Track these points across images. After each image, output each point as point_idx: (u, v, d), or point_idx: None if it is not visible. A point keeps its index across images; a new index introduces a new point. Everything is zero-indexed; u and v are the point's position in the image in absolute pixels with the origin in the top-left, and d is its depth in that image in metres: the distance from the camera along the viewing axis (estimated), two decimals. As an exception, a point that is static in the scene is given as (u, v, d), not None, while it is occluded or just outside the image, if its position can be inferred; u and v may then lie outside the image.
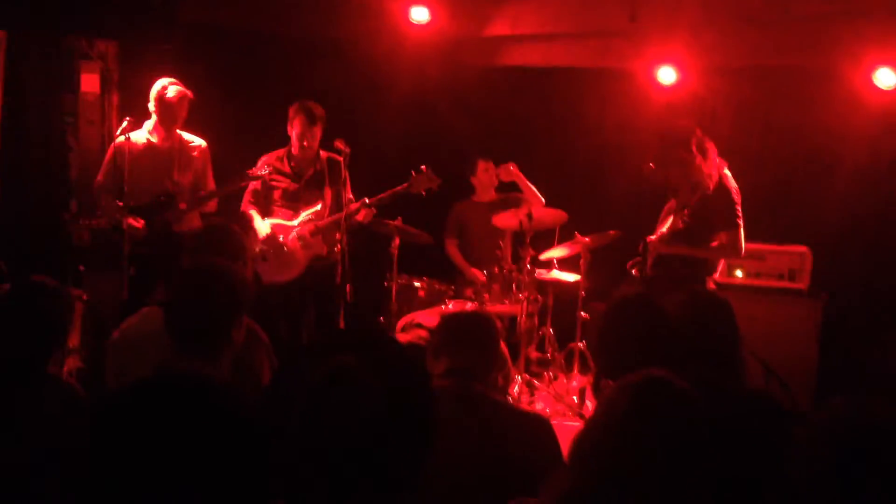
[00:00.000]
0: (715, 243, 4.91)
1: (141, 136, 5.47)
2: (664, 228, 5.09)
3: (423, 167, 5.80)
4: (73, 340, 5.03)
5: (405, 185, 5.74)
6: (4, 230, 5.87)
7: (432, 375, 2.59)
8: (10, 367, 2.64)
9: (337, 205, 5.74)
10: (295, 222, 5.72)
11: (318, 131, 5.68)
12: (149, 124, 5.50)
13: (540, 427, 2.61)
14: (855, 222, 6.01)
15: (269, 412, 1.64)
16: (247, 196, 5.80)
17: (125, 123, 5.26)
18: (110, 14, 4.58)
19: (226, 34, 6.73)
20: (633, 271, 5.25)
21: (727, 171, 4.96)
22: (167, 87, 5.41)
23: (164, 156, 5.48)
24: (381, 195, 5.70)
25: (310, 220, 5.69)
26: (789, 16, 4.92)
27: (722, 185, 4.90)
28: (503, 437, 2.51)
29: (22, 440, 2.46)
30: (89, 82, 6.15)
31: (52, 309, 2.74)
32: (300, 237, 5.68)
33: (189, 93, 5.47)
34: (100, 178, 5.51)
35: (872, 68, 5.03)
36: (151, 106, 5.44)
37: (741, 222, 4.86)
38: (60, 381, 2.71)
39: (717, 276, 5.99)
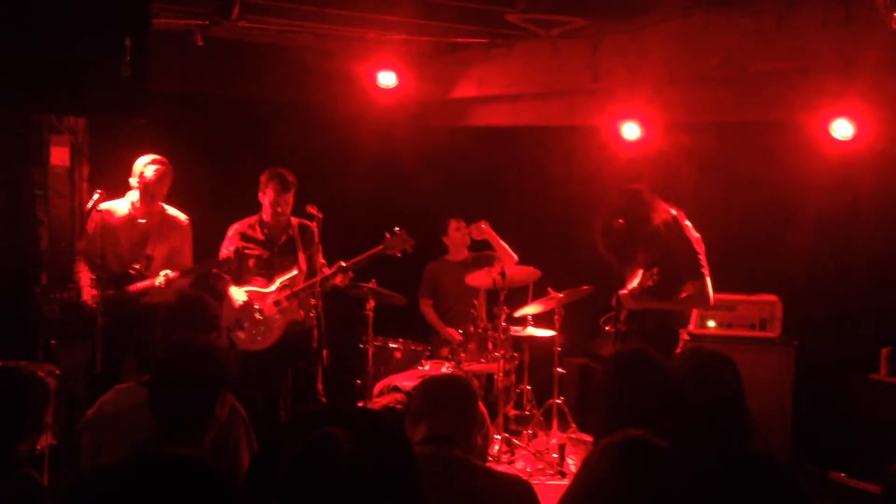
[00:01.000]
0: (683, 294, 4.96)
1: (123, 206, 5.48)
2: (634, 283, 5.15)
3: (396, 229, 5.84)
4: (46, 416, 4.95)
5: (380, 247, 5.78)
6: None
7: (412, 442, 2.58)
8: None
9: (311, 270, 5.75)
10: (270, 289, 5.71)
11: (290, 198, 5.72)
12: (132, 195, 5.51)
13: (522, 491, 2.60)
14: (820, 269, 6.12)
15: (253, 484, 1.64)
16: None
17: (96, 196, 5.26)
18: (79, 91, 4.59)
19: (195, 102, 6.79)
20: (607, 327, 5.29)
21: (687, 223, 5.03)
22: (147, 165, 5.45)
23: (142, 229, 5.48)
24: (357, 258, 5.72)
25: (285, 286, 5.69)
26: (746, 73, 5.05)
27: (683, 237, 4.96)
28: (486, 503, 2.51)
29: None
30: (59, 155, 6.16)
31: (24, 396, 2.70)
32: (276, 304, 5.67)
33: (169, 169, 5.50)
34: (82, 244, 5.50)
35: (829, 119, 5.16)
36: (134, 181, 5.46)
37: (706, 272, 4.92)
38: (25, 471, 2.65)
39: (690, 327, 6.06)
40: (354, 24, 6.04)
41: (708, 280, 4.93)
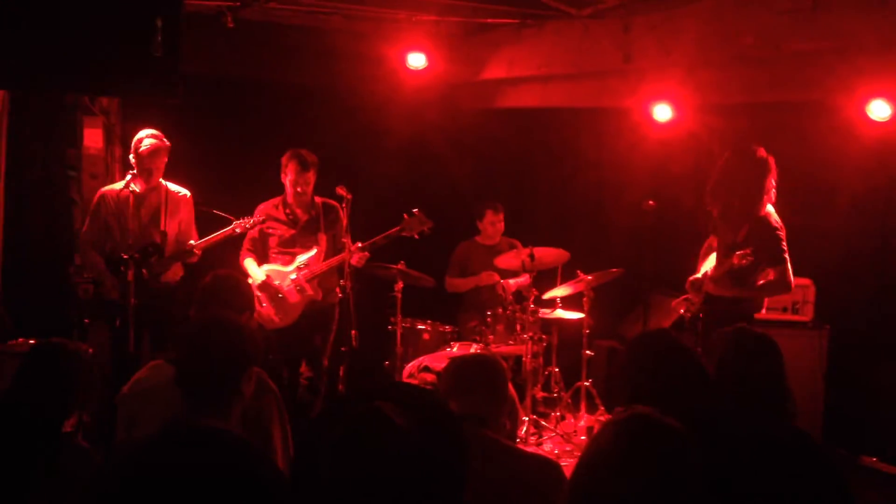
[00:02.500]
0: (761, 280, 4.90)
1: (124, 187, 5.46)
2: (707, 267, 5.10)
3: (415, 210, 5.86)
4: (91, 395, 5.03)
5: (397, 228, 5.80)
6: (10, 285, 5.89)
7: None
8: (30, 429, 2.64)
9: (333, 249, 5.78)
10: (290, 268, 5.75)
11: (311, 177, 5.74)
12: (131, 174, 5.53)
13: (551, 471, 2.60)
14: (854, 253, 6.04)
15: (302, 458, 1.64)
16: (245, 244, 5.85)
17: (129, 177, 5.31)
18: (111, 72, 4.62)
19: (227, 85, 6.82)
20: (681, 309, 5.23)
21: (770, 208, 4.96)
22: (142, 139, 5.44)
23: (152, 206, 5.51)
24: (374, 239, 5.75)
25: (306, 265, 5.73)
26: (781, 52, 4.98)
27: (767, 222, 4.89)
28: (516, 484, 2.51)
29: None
30: (92, 137, 6.22)
31: (72, 371, 2.75)
32: (296, 283, 5.71)
33: (165, 143, 5.48)
34: (85, 229, 5.55)
35: (866, 101, 5.08)
36: (131, 157, 5.50)
37: (787, 257, 4.85)
38: (77, 443, 2.71)
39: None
40: (384, 5, 6.03)
41: (789, 266, 4.85)
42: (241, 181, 6.55)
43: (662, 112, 6.18)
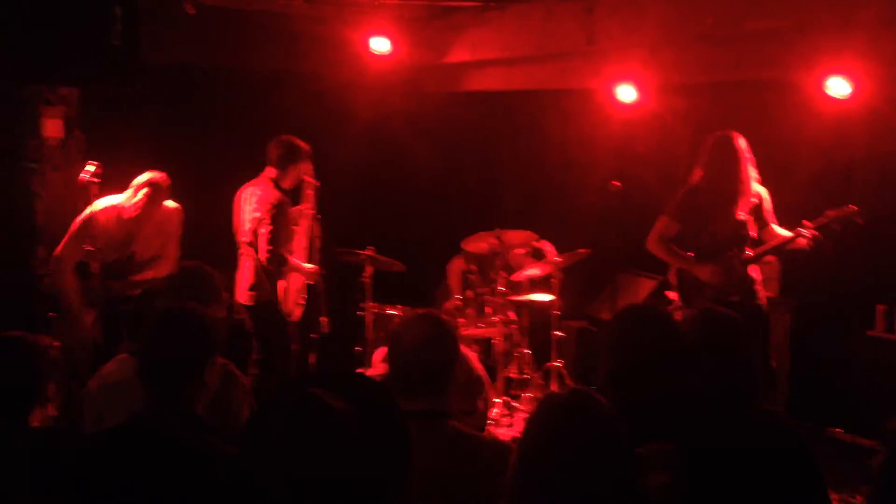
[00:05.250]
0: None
1: (112, 206, 5.33)
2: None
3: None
4: (57, 389, 4.97)
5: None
6: (-29, 279, 5.81)
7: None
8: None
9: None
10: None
11: None
12: (124, 197, 5.37)
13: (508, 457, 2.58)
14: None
15: (248, 445, 1.66)
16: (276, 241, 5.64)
17: (91, 167, 5.23)
18: (70, 61, 4.55)
19: (188, 72, 6.74)
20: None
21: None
22: (143, 186, 5.28)
23: (133, 222, 5.38)
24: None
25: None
26: (741, 31, 5.02)
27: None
28: (476, 473, 2.49)
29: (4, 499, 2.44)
30: (52, 127, 6.11)
31: (31, 364, 2.72)
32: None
33: (164, 187, 5.36)
34: (59, 250, 5.34)
35: (825, 78, 5.13)
36: (130, 192, 5.34)
37: None
38: (38, 436, 2.69)
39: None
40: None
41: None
42: (204, 168, 6.50)
43: (626, 93, 6.21)
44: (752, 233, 5.12)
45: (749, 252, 5.11)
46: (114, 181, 5.42)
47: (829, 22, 4.64)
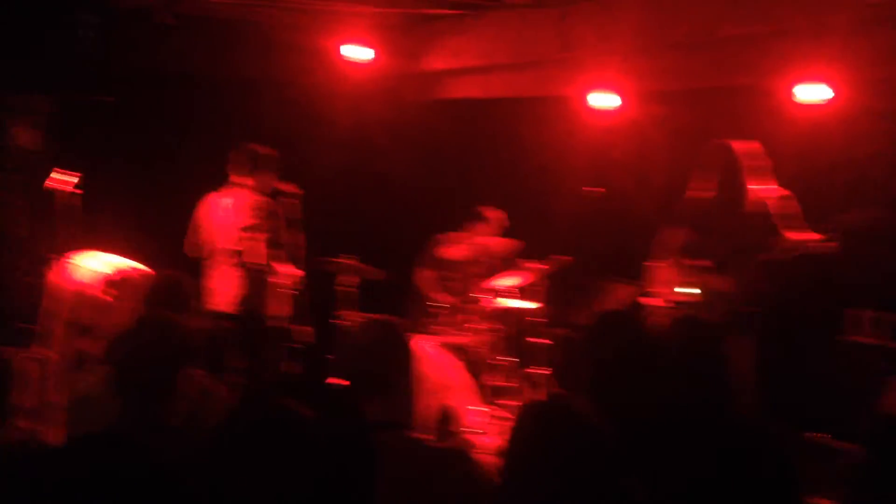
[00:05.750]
0: None
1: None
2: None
3: None
4: (28, 401, 4.91)
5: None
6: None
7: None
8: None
9: None
10: None
11: None
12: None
13: (461, 463, 2.52)
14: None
15: (215, 454, 1.65)
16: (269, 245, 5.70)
17: (55, 175, 5.12)
18: (43, 69, 4.51)
19: (164, 81, 6.69)
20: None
21: None
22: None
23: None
24: None
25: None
26: (715, 38, 5.06)
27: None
28: (433, 481, 2.44)
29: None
30: (25, 136, 6.06)
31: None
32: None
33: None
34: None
35: (798, 83, 5.17)
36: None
37: None
38: (11, 448, 2.64)
39: (668, 292, 6.10)
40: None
41: None
42: (179, 176, 6.45)
43: (601, 100, 6.24)
44: (762, 239, 4.94)
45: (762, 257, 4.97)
46: (90, 191, 5.36)
47: (803, 28, 4.69)
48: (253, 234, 5.54)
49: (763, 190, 4.98)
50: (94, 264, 5.06)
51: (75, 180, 5.09)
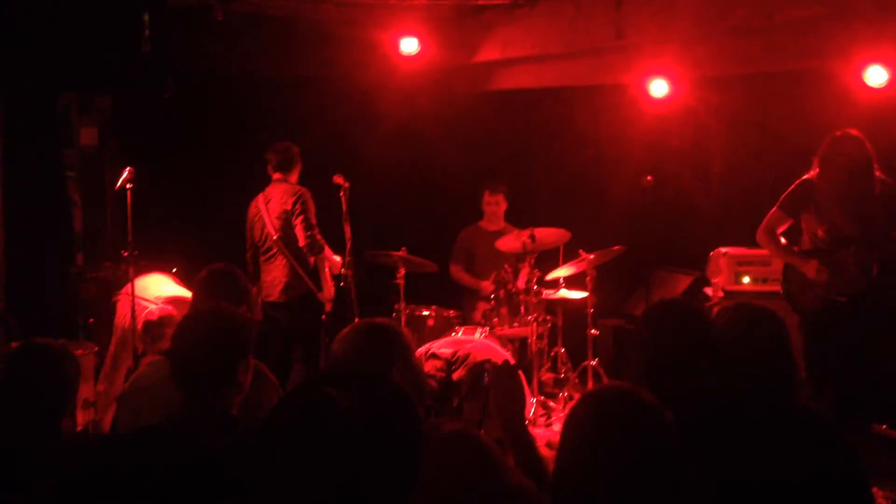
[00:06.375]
0: None
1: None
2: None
3: None
4: (87, 393, 5.03)
5: None
6: (12, 286, 5.90)
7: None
8: (21, 429, 2.63)
9: None
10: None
11: None
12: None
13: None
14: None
15: (259, 446, 1.64)
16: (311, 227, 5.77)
17: (125, 174, 5.27)
18: (103, 68, 4.61)
19: (219, 78, 6.78)
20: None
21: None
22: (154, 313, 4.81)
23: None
24: None
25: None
26: (775, 21, 4.93)
27: None
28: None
29: (35, 500, 2.45)
30: (88, 135, 6.20)
31: (55, 371, 2.72)
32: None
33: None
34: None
35: (863, 67, 5.03)
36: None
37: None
38: (73, 437, 2.70)
39: (724, 283, 5.99)
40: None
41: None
42: (235, 175, 6.54)
43: (658, 87, 6.15)
44: (876, 233, 4.83)
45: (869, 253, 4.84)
46: (149, 186, 5.46)
47: (866, 8, 4.54)
48: (301, 214, 5.63)
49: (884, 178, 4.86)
50: (155, 292, 5.18)
51: (132, 177, 5.21)
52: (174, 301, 4.77)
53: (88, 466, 1.45)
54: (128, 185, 5.26)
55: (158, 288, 5.24)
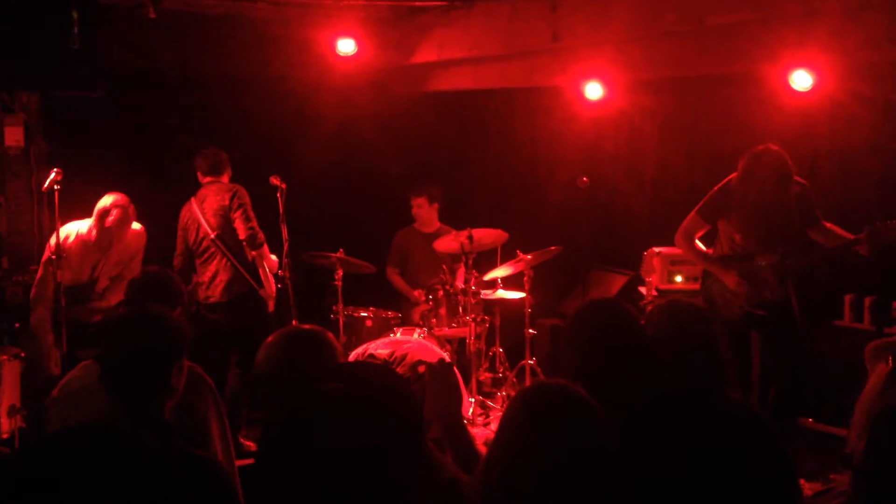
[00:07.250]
0: None
1: (79, 235, 5.23)
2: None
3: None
4: (14, 399, 4.89)
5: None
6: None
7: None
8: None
9: None
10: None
11: None
12: (89, 223, 5.26)
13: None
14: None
15: (264, 442, 1.62)
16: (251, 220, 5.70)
17: (52, 174, 5.14)
18: (28, 66, 4.46)
19: (151, 77, 6.65)
20: None
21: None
22: (110, 210, 5.17)
23: (100, 250, 5.29)
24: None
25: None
26: (705, 25, 5.03)
27: None
28: None
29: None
30: (13, 135, 6.01)
31: None
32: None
33: (131, 210, 5.27)
34: (34, 291, 5.26)
35: (789, 70, 5.16)
36: (92, 220, 5.24)
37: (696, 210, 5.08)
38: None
39: (657, 282, 6.10)
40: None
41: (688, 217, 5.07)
42: (169, 175, 6.42)
43: (593, 90, 6.23)
44: (795, 242, 4.92)
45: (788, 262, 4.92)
46: (76, 189, 5.33)
47: (792, 14, 4.66)
48: (230, 216, 5.57)
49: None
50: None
51: (60, 178, 5.08)
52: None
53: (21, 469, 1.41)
54: (55, 187, 5.13)
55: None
